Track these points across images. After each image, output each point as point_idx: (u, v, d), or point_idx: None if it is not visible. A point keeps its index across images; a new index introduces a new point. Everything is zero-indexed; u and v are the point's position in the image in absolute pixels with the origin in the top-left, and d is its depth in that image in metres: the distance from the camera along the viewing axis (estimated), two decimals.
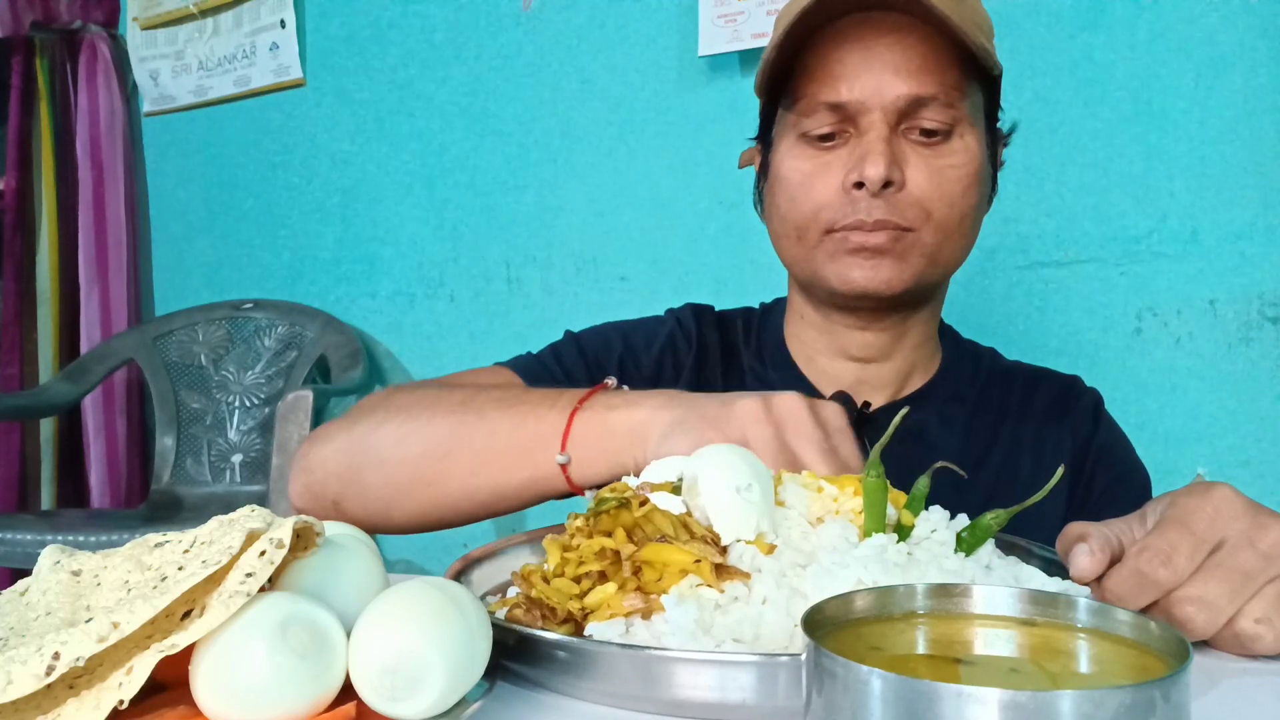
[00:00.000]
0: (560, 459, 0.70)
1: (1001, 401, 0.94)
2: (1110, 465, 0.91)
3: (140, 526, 1.97)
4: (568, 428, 0.70)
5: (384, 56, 2.28)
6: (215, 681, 0.40)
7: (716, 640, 0.48)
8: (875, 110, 0.80)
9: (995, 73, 0.83)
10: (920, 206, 0.81)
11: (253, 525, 0.44)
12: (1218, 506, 0.55)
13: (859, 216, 0.81)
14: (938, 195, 0.81)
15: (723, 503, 0.53)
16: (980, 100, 0.85)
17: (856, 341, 0.90)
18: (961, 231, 0.84)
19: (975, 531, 0.58)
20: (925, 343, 0.93)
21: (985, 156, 0.85)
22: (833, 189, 0.82)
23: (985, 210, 0.89)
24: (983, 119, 0.86)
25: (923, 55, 0.80)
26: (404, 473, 0.77)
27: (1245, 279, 1.51)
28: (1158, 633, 0.34)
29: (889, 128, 0.80)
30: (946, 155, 0.82)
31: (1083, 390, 0.97)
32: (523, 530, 0.77)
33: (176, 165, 2.62)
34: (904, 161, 0.81)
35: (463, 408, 0.77)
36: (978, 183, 0.84)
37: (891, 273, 0.82)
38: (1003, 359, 1.00)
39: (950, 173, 0.82)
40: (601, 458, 0.69)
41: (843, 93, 0.81)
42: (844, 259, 0.83)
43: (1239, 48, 1.50)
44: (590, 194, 2.06)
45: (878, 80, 0.80)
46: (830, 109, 0.82)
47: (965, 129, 0.82)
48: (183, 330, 2.44)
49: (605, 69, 2.02)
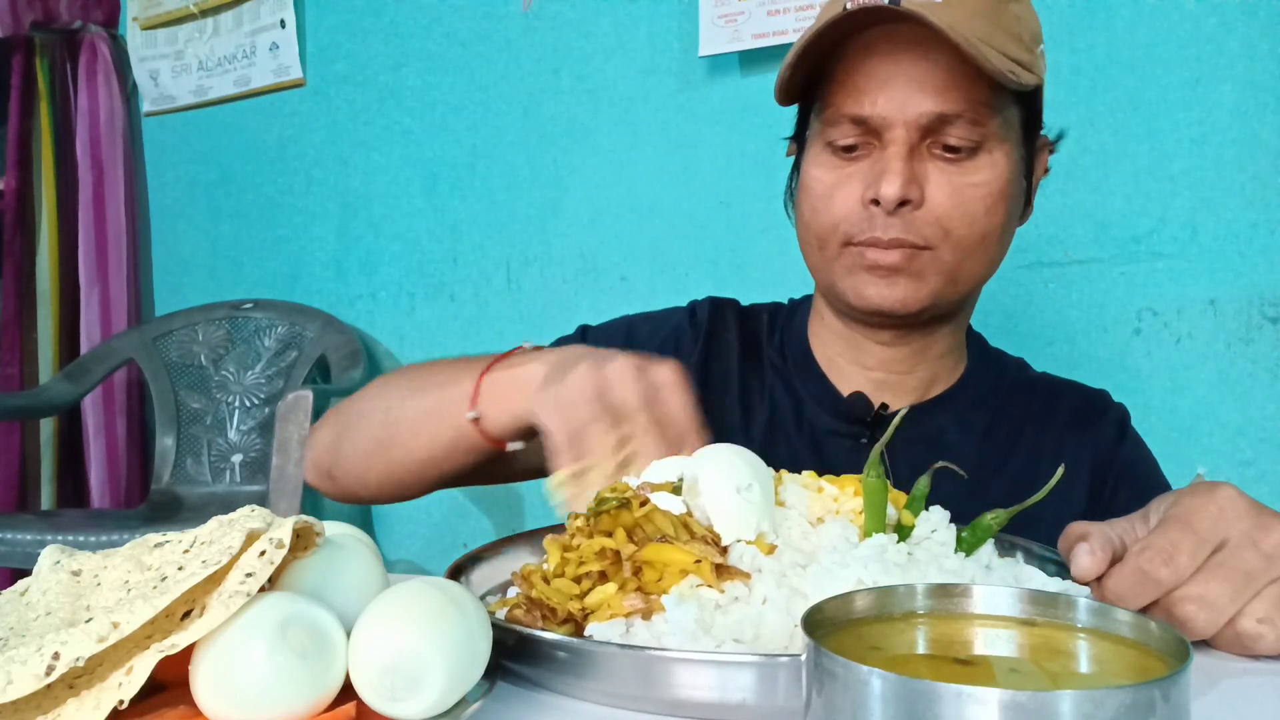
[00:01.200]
0: (470, 415, 0.74)
1: (1023, 409, 0.92)
2: (1134, 481, 0.89)
3: (140, 526, 1.97)
4: (477, 387, 0.75)
5: (384, 56, 2.28)
6: (215, 681, 0.40)
7: (717, 640, 0.48)
8: (898, 126, 0.78)
9: (1029, 89, 0.80)
10: (939, 225, 0.79)
11: (253, 525, 0.44)
12: (1221, 506, 0.55)
13: (875, 233, 0.80)
14: (958, 214, 0.79)
15: (723, 503, 0.53)
16: (1015, 115, 0.82)
17: (876, 354, 0.89)
18: (984, 249, 0.82)
19: (975, 531, 0.58)
20: (949, 354, 0.91)
21: (1017, 172, 0.83)
22: (853, 202, 0.81)
23: (1016, 225, 0.86)
24: (1016, 133, 0.83)
25: (948, 71, 0.77)
26: (364, 441, 0.85)
27: (1245, 279, 1.51)
28: (1158, 633, 0.34)
29: (910, 144, 0.79)
30: (971, 173, 0.80)
31: (1109, 404, 0.95)
32: (523, 530, 0.77)
33: (176, 165, 2.62)
34: (924, 179, 0.79)
35: (413, 378, 0.85)
36: (1004, 200, 0.81)
37: (907, 291, 0.81)
38: (1030, 370, 0.98)
39: (973, 191, 0.80)
40: (502, 410, 0.73)
41: (866, 106, 0.79)
42: (860, 274, 0.82)
43: (1239, 48, 1.50)
44: (590, 194, 2.06)
45: (902, 95, 0.78)
46: (854, 121, 0.80)
47: (994, 145, 0.80)
48: (183, 330, 2.44)
49: (605, 69, 2.02)
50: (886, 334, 0.88)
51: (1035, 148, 0.87)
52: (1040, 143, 0.89)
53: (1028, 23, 0.82)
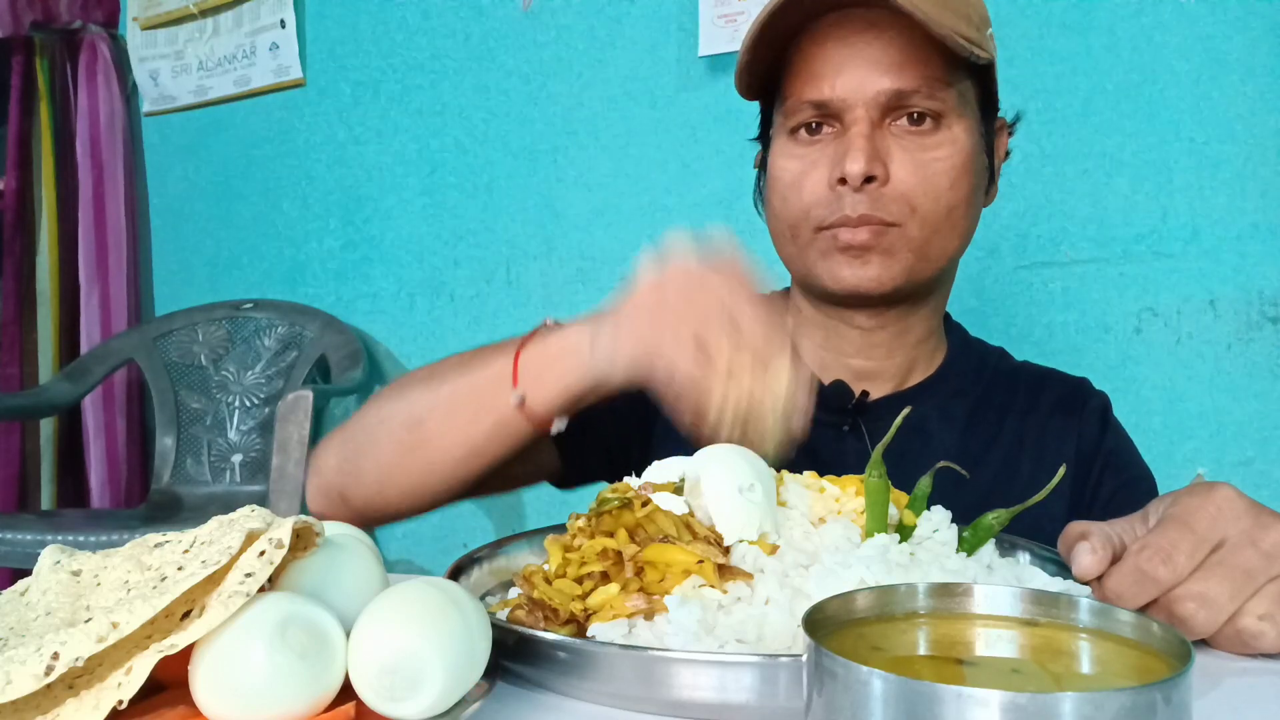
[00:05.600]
0: (514, 398, 0.72)
1: (1005, 399, 0.93)
2: (1118, 470, 0.90)
3: (140, 526, 1.97)
4: (515, 366, 0.72)
5: (384, 56, 2.28)
6: (215, 681, 0.40)
7: (720, 641, 0.48)
8: (858, 106, 0.80)
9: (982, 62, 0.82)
10: (905, 201, 0.81)
11: (252, 525, 0.44)
12: (1220, 506, 0.55)
13: (844, 212, 0.81)
14: (923, 189, 0.81)
15: (725, 503, 0.53)
16: (971, 91, 0.84)
17: (856, 339, 0.90)
18: (951, 224, 0.84)
19: (977, 531, 0.58)
20: (928, 338, 0.92)
21: (978, 147, 0.85)
22: (821, 186, 0.83)
23: (982, 202, 0.88)
24: (974, 109, 0.85)
25: (902, 49, 0.80)
26: (388, 449, 0.80)
27: (1245, 279, 1.51)
28: (1160, 633, 0.34)
29: (872, 123, 0.81)
30: (933, 148, 0.82)
31: (1091, 392, 0.96)
32: (522, 530, 0.77)
33: (176, 165, 2.62)
34: (888, 156, 0.81)
35: (429, 377, 0.81)
36: (967, 174, 0.83)
37: (880, 269, 0.82)
38: (1011, 359, 0.99)
39: (936, 165, 0.81)
40: (551, 383, 0.71)
41: (825, 90, 0.81)
42: (835, 257, 0.83)
43: (1239, 48, 1.50)
44: (590, 194, 2.06)
45: (859, 76, 0.80)
46: (814, 106, 0.82)
47: (953, 120, 0.82)
48: (183, 330, 2.44)
49: (605, 69, 2.02)
50: (864, 318, 0.88)
51: (994, 128, 0.89)
52: (998, 124, 0.90)
53: (976, 5, 0.84)
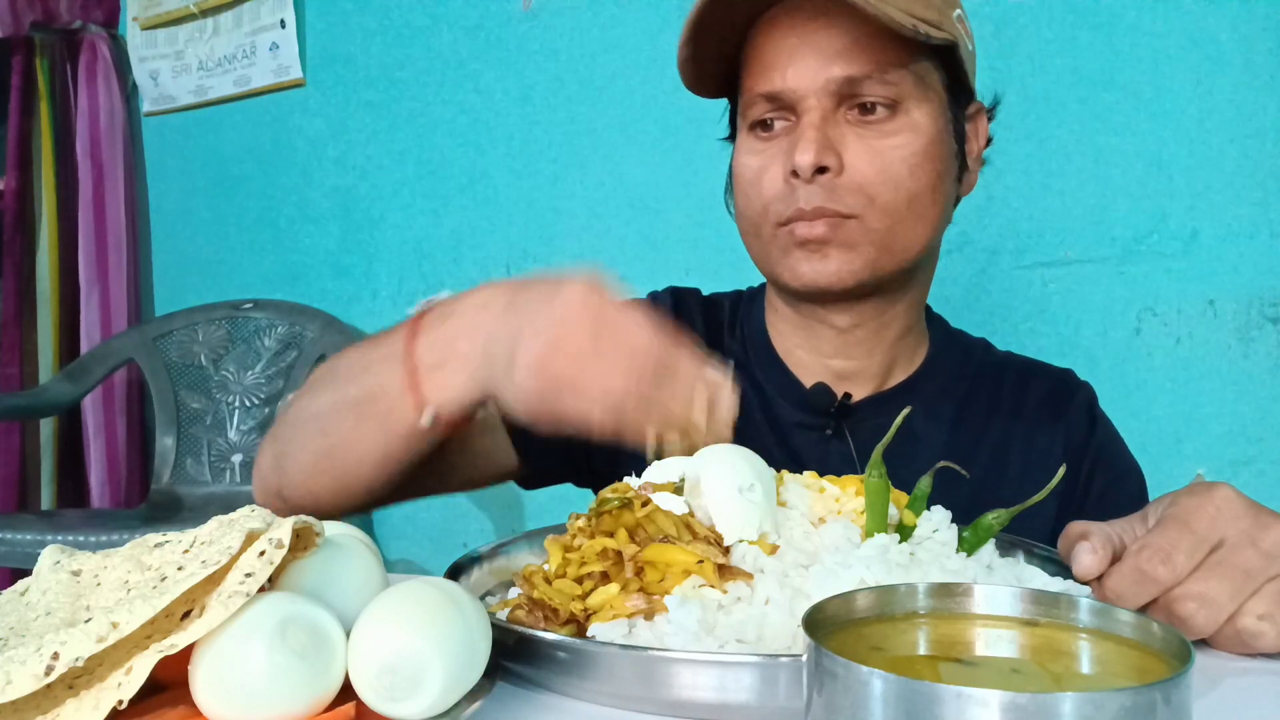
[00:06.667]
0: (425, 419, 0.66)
1: (991, 396, 0.91)
2: (1108, 467, 0.89)
3: (140, 526, 1.97)
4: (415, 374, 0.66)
5: (384, 56, 2.28)
6: (215, 681, 0.40)
7: (720, 641, 0.48)
8: (810, 96, 0.78)
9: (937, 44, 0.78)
10: (861, 191, 0.78)
11: (252, 525, 0.44)
12: (1219, 506, 0.55)
13: (799, 205, 0.79)
14: (881, 179, 0.78)
15: (725, 503, 0.53)
16: (934, 75, 0.81)
17: (833, 339, 0.88)
18: (915, 214, 0.80)
19: (977, 531, 0.58)
20: (907, 334, 0.90)
21: (943, 134, 0.81)
22: (778, 181, 0.80)
23: (954, 189, 0.85)
24: (939, 94, 0.82)
25: (852, 35, 0.77)
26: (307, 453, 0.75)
27: (1245, 279, 1.51)
28: (1160, 633, 0.34)
29: (824, 113, 0.78)
30: (889, 135, 0.79)
31: (1077, 386, 0.94)
32: (523, 530, 0.77)
33: (176, 165, 2.62)
34: (842, 146, 0.78)
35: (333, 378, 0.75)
36: (930, 161, 0.80)
37: (840, 264, 0.80)
38: (995, 351, 0.97)
39: (894, 153, 0.78)
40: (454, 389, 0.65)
41: (776, 81, 0.79)
42: (794, 253, 0.81)
43: (1239, 48, 1.49)
44: (590, 194, 2.05)
45: (810, 65, 0.78)
46: (768, 99, 0.81)
47: (911, 106, 0.79)
48: (183, 330, 2.44)
49: (605, 69, 2.02)
50: (839, 316, 0.86)
51: (966, 113, 0.86)
52: (974, 109, 0.87)
53: None
